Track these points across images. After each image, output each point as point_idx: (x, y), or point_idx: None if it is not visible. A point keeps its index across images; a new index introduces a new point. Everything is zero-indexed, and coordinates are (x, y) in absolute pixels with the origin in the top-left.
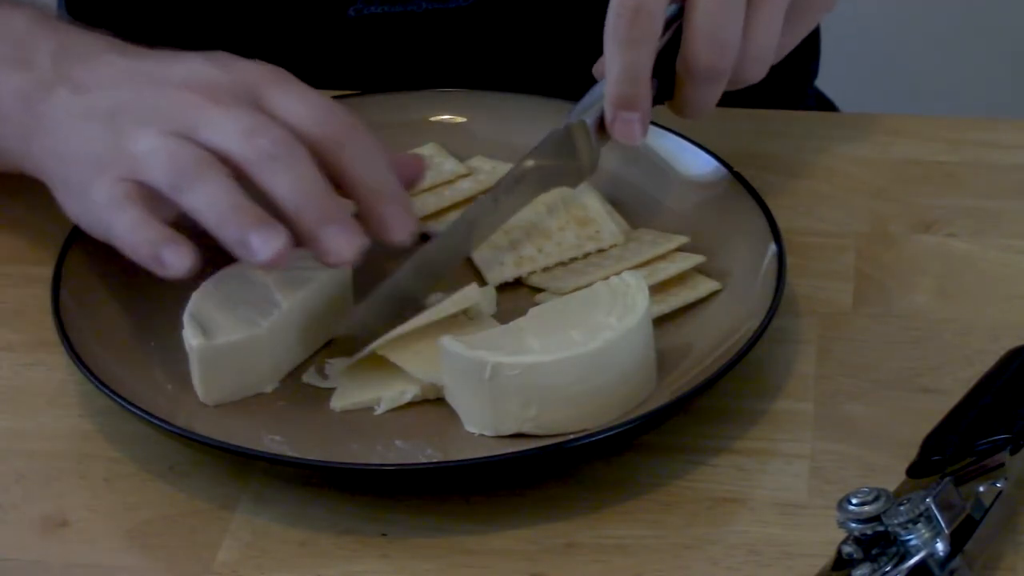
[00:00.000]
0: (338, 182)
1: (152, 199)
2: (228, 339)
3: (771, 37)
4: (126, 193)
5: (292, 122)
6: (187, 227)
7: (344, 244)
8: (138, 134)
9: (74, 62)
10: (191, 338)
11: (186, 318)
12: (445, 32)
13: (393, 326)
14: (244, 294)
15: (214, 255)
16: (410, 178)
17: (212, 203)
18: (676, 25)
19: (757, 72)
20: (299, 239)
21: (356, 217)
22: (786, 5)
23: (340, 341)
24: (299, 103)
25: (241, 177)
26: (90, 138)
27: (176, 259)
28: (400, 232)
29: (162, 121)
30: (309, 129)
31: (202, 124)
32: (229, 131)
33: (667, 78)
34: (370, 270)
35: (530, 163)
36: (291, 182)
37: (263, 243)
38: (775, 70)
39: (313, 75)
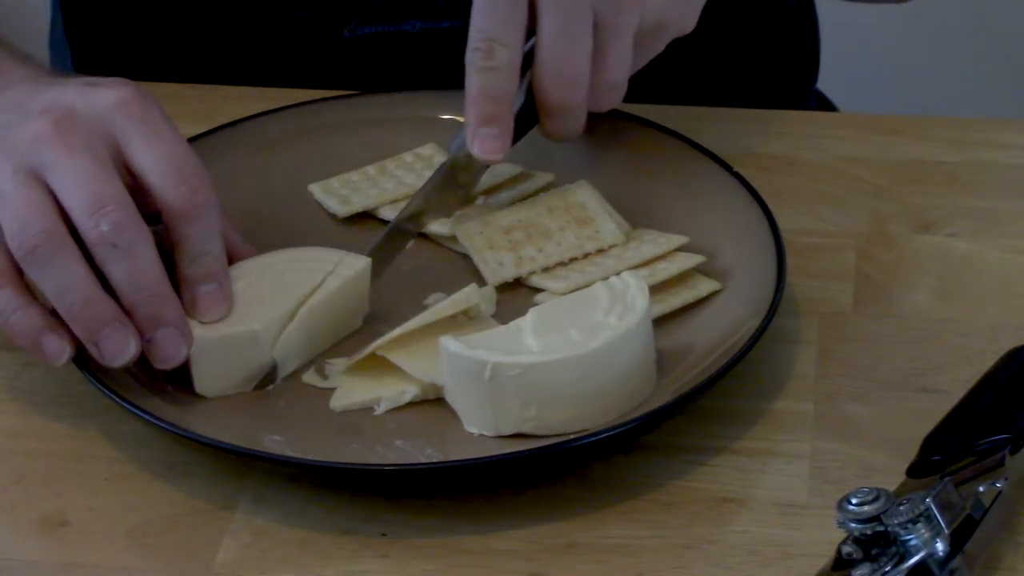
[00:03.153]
0: (171, 249)
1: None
2: (223, 332)
3: (622, 68)
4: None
5: (141, 175)
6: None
7: (171, 349)
8: None
9: None
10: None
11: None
12: (439, 51)
13: None
14: (247, 293)
15: None
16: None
17: (63, 292)
18: None
19: (613, 100)
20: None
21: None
22: (632, 34)
23: (342, 343)
24: (158, 158)
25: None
26: None
27: (56, 348)
28: (209, 315)
29: (16, 156)
30: (161, 195)
31: (49, 166)
32: (75, 190)
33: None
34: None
35: (419, 200)
36: (127, 275)
37: (115, 347)
38: (776, 71)
39: (311, 92)
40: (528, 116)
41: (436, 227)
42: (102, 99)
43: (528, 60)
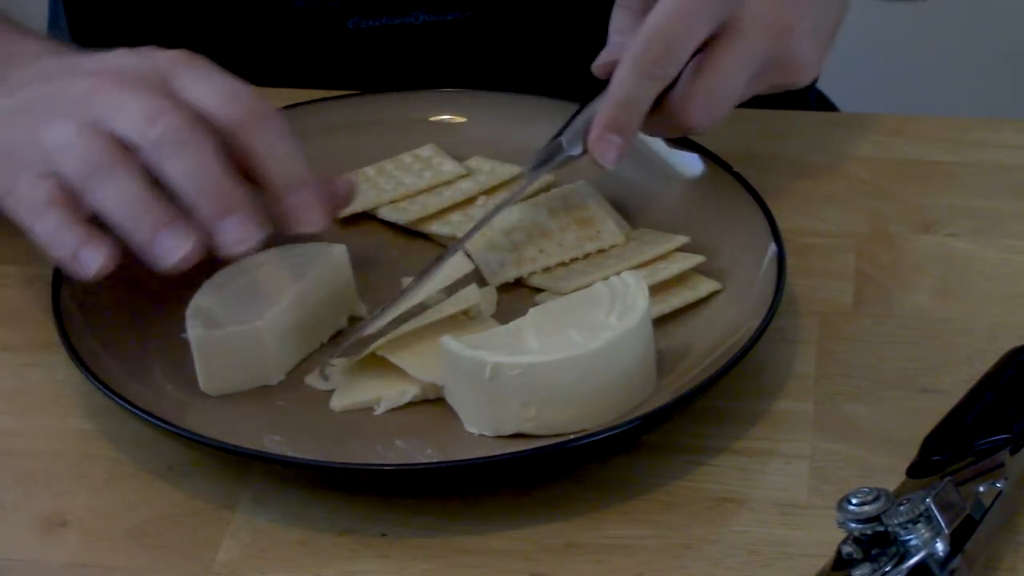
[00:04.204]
0: (247, 169)
1: (75, 198)
2: (226, 330)
3: (733, 104)
4: (48, 196)
5: (200, 105)
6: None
7: (240, 237)
8: (50, 126)
9: (12, 67)
10: (191, 328)
11: (190, 309)
12: (443, 44)
13: None
14: (249, 288)
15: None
16: (335, 201)
17: (121, 203)
18: None
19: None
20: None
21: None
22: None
23: (341, 340)
24: (209, 86)
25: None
26: (8, 136)
27: (92, 259)
28: (306, 223)
29: (72, 111)
30: (216, 112)
31: (109, 110)
32: (133, 115)
33: None
34: (371, 263)
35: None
36: (189, 169)
37: (171, 246)
38: None
39: (315, 85)
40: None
41: (436, 227)
42: (149, 58)
43: None
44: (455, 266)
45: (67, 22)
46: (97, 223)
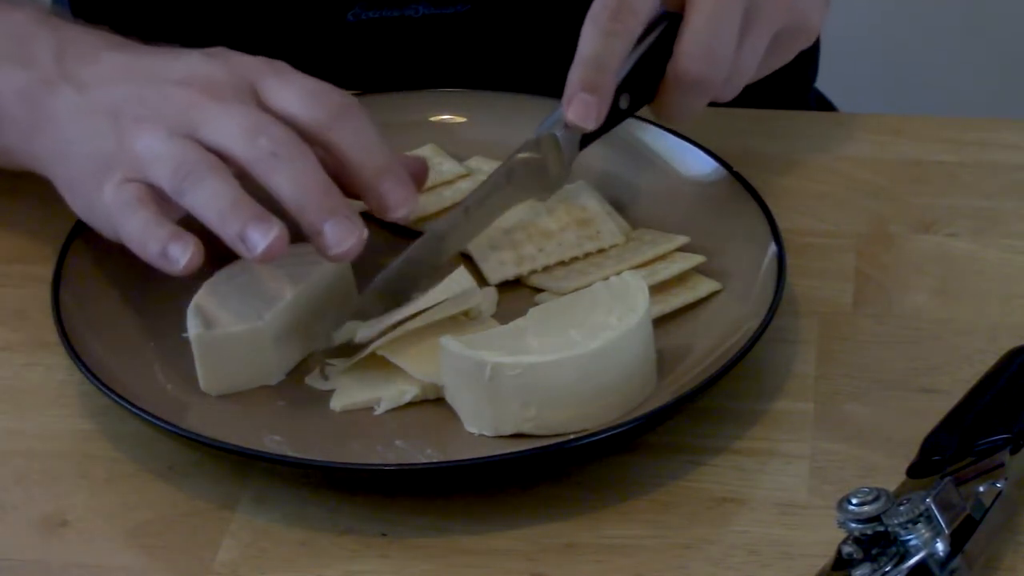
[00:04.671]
0: (337, 167)
1: (162, 199)
2: (227, 330)
3: (755, 60)
4: (137, 196)
5: (286, 111)
6: (196, 228)
7: (345, 236)
8: (141, 133)
9: (75, 60)
10: (192, 328)
11: (191, 309)
12: (442, 37)
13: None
14: (249, 288)
15: (217, 252)
16: (417, 179)
17: (212, 200)
18: (660, 29)
19: (732, 92)
20: (305, 235)
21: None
22: (772, 34)
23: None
24: (292, 91)
25: (243, 177)
26: (94, 137)
27: (182, 253)
28: (398, 207)
29: (165, 120)
30: (301, 115)
31: (203, 122)
32: (230, 130)
33: (651, 82)
34: (371, 264)
35: (501, 177)
36: (292, 178)
37: (260, 236)
38: (775, 73)
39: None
40: (638, 92)
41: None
42: (240, 65)
43: None
44: (456, 281)
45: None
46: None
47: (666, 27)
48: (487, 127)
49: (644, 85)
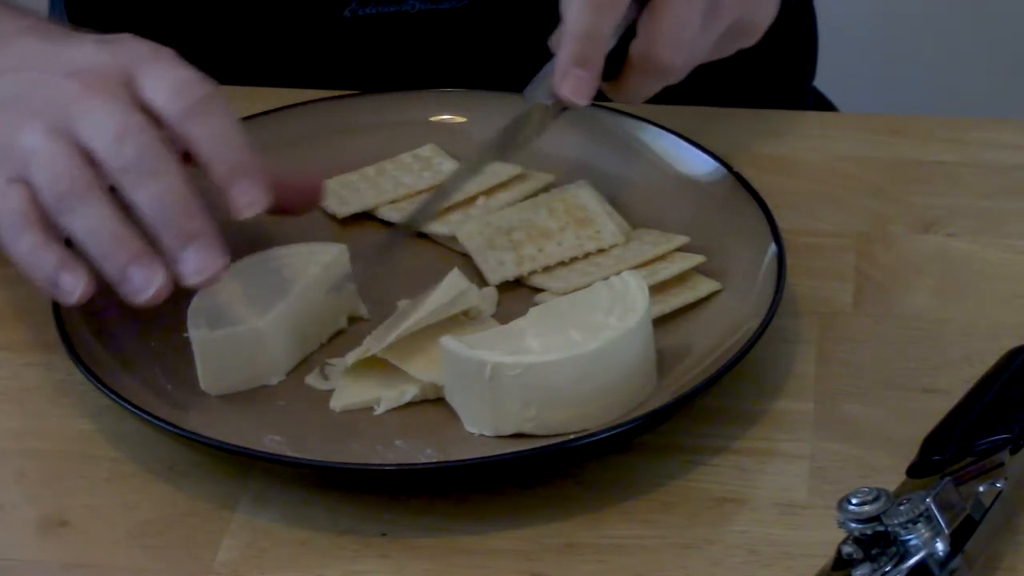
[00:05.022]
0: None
1: (49, 216)
2: (227, 330)
3: (708, 48)
4: (23, 211)
5: (152, 103)
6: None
7: (205, 265)
8: (24, 128)
9: None
10: (192, 328)
11: (191, 309)
12: (438, 33)
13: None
14: (250, 288)
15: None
16: (303, 201)
17: (92, 232)
18: (631, 11)
19: (682, 76)
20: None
21: None
22: (727, 26)
23: (342, 341)
24: (160, 83)
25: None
26: None
27: (74, 284)
28: (245, 209)
29: (46, 114)
30: (164, 108)
31: (80, 117)
32: (101, 131)
33: (615, 62)
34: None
35: (508, 138)
36: (154, 197)
37: (142, 281)
38: (773, 71)
39: (312, 75)
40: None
41: (436, 227)
42: (125, 54)
43: None
44: (452, 284)
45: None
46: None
47: (634, 12)
48: (487, 127)
49: (609, 65)
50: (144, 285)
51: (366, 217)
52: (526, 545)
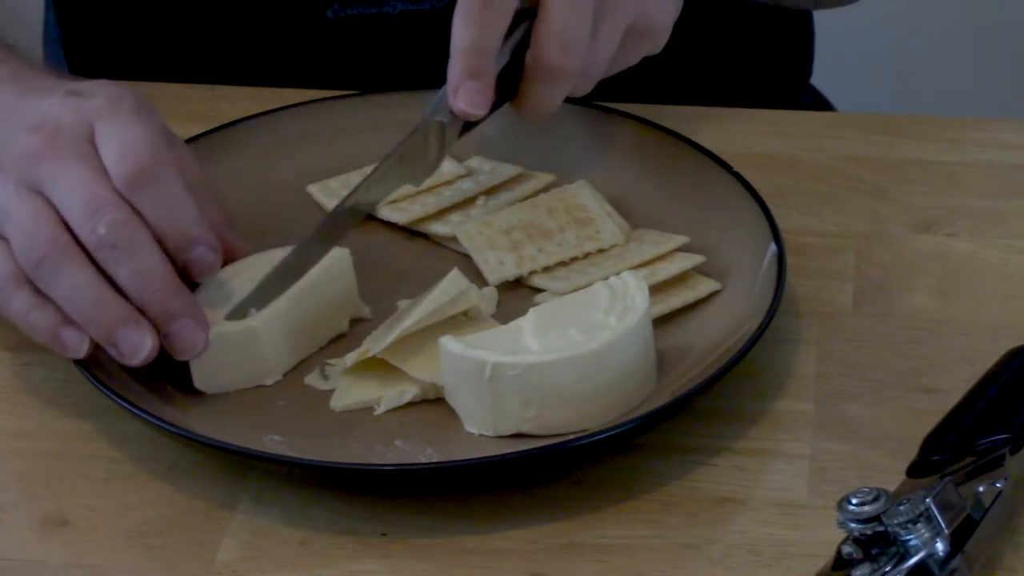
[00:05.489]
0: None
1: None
2: (220, 330)
3: (608, 53)
4: (11, 274)
5: (106, 165)
6: None
7: (191, 343)
8: None
9: None
10: None
11: None
12: (420, 33)
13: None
14: (246, 288)
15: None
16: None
17: (73, 298)
18: (524, 28)
19: (587, 85)
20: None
21: None
22: (623, 29)
23: (342, 341)
24: (111, 144)
25: None
26: None
27: (76, 338)
28: (198, 275)
29: (15, 170)
30: (112, 173)
31: (48, 181)
32: (73, 201)
33: (514, 79)
34: (371, 263)
35: (394, 161)
36: (134, 275)
37: (131, 347)
38: (771, 70)
39: (295, 76)
40: (502, 89)
41: (436, 227)
42: (87, 107)
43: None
44: (452, 284)
45: (57, 22)
46: None
47: (527, 25)
48: (486, 127)
49: (508, 82)
50: (134, 351)
51: (366, 217)
52: (526, 545)
